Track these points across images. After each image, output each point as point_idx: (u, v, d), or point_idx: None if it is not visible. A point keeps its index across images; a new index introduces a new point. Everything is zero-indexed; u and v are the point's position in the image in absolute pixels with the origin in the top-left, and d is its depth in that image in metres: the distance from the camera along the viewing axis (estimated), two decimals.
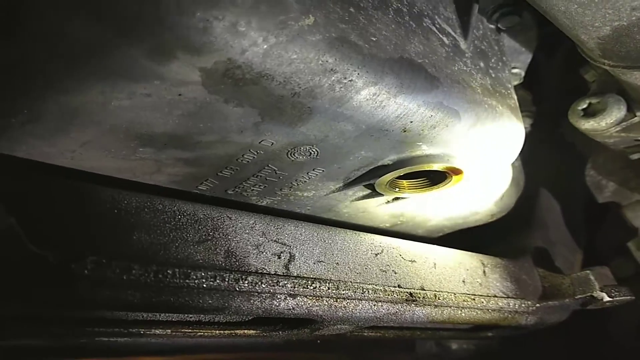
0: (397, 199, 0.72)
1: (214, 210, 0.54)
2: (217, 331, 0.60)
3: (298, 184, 0.65)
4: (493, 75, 0.67)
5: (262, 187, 0.65)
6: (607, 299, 0.76)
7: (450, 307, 0.67)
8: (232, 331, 0.61)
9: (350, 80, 0.49)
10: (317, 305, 0.55)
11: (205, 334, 0.58)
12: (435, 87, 0.56)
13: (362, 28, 0.50)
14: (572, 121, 0.76)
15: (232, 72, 0.45)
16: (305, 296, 0.54)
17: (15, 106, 0.46)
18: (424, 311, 0.65)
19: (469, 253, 0.79)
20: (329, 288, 0.56)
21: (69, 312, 0.46)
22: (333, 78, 0.48)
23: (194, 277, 0.46)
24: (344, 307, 0.58)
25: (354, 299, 0.58)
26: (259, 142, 0.55)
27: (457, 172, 0.63)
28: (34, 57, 0.42)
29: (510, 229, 0.94)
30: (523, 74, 0.85)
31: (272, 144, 0.55)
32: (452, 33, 0.64)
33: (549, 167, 1.01)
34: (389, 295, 0.61)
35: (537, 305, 0.79)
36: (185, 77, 0.44)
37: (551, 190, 1.01)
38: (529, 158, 0.91)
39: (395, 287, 0.63)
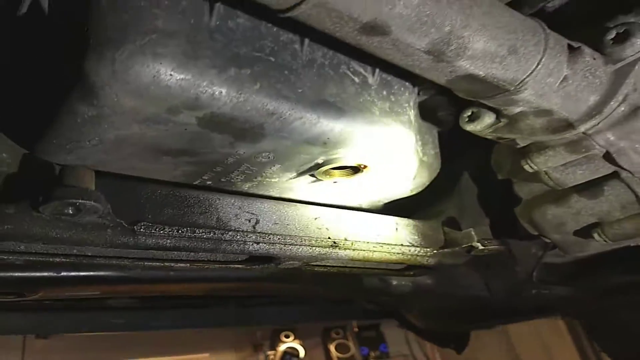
0: (336, 182, 1.09)
1: (210, 194, 0.93)
2: (218, 265, 1.00)
3: (266, 175, 1.02)
4: (392, 99, 1.01)
5: (243, 177, 1.02)
6: (481, 247, 1.13)
7: (364, 250, 1.06)
8: (227, 265, 1.01)
9: (284, 118, 0.85)
10: (272, 248, 0.94)
11: (210, 267, 0.98)
12: (343, 116, 0.90)
13: (292, 84, 0.85)
14: (460, 124, 1.08)
15: (214, 117, 0.81)
16: (265, 243, 0.93)
17: (90, 137, 0.83)
18: (345, 253, 1.03)
19: (387, 216, 1.17)
20: (278, 238, 0.95)
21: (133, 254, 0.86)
22: (274, 117, 0.84)
23: (198, 232, 0.86)
24: (290, 249, 0.96)
25: (296, 245, 0.97)
26: (235, 152, 0.92)
27: (365, 166, 0.99)
28: (104, 117, 0.79)
29: (431, 199, 1.30)
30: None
31: (244, 152, 0.93)
32: (363, 72, 0.98)
33: (470, 155, 1.35)
34: (320, 242, 1.00)
35: (435, 251, 1.16)
36: (188, 121, 0.81)
37: (472, 171, 1.36)
38: (454, 149, 1.24)
39: (326, 238, 1.02)
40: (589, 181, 1.06)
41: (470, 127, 1.04)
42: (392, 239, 1.12)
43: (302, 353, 5.44)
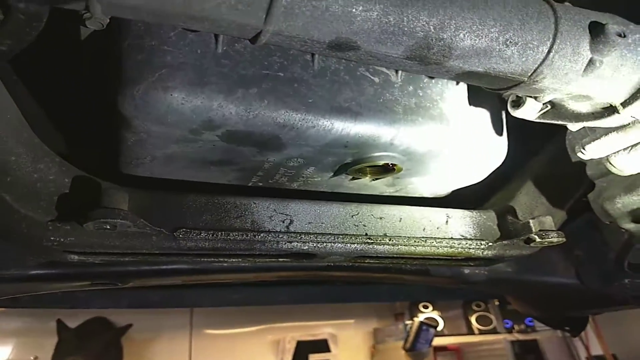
0: (377, 178, 1.10)
1: (246, 199, 1.02)
2: (269, 259, 1.11)
3: (306, 175, 1.08)
4: (420, 94, 0.99)
5: (286, 178, 1.09)
6: (538, 239, 1.05)
7: (405, 245, 1.06)
8: (277, 259, 1.11)
9: (297, 128, 0.90)
10: (305, 246, 1.01)
11: (259, 262, 1.09)
12: (359, 119, 0.92)
13: (302, 96, 0.89)
14: (509, 110, 1.01)
15: (232, 134, 0.90)
16: (297, 242, 1.00)
17: (144, 156, 0.98)
18: (383, 248, 1.05)
19: (437, 209, 1.15)
20: (311, 237, 1.01)
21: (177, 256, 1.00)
22: (286, 128, 0.89)
23: (232, 234, 0.96)
24: (324, 246, 1.02)
25: (329, 242, 1.02)
26: (267, 159, 1.00)
27: (394, 165, 1.00)
28: (145, 140, 0.92)
29: (497, 188, 1.24)
30: None
31: (274, 159, 1.00)
32: (386, 70, 0.98)
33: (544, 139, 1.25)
34: (355, 239, 1.04)
35: (490, 244, 1.11)
36: (211, 139, 0.90)
37: (546, 157, 1.25)
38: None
39: (363, 235, 1.05)
40: None
41: (517, 114, 0.98)
42: (440, 232, 1.11)
43: (441, 324, 5.45)
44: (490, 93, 1.02)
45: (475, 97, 1.09)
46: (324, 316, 5.74)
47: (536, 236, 1.06)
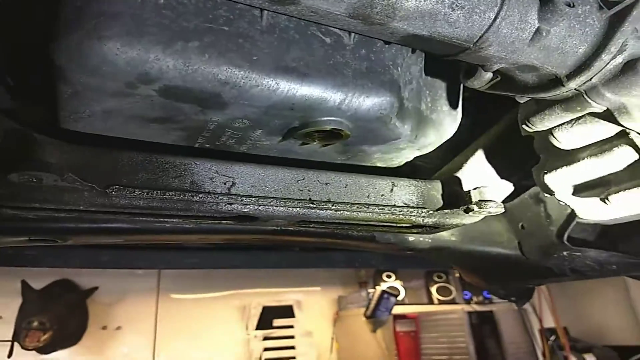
0: (327, 144, 1.08)
1: (187, 158, 0.99)
2: (211, 221, 1.08)
3: (254, 138, 1.05)
4: (372, 58, 0.96)
5: (233, 140, 1.06)
6: (477, 209, 1.06)
7: (348, 211, 1.06)
8: (219, 222, 1.09)
9: (240, 86, 0.87)
10: (246, 209, 0.99)
11: (201, 223, 1.07)
12: (306, 81, 0.89)
13: (246, 52, 0.85)
14: (461, 80, 1.00)
15: (169, 89, 0.85)
16: (238, 204, 0.98)
17: (81, 110, 0.93)
18: (326, 213, 1.04)
19: (384, 177, 1.14)
20: (253, 200, 1.00)
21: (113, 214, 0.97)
22: (228, 86, 0.86)
23: (169, 194, 0.94)
24: (266, 210, 1.01)
25: (271, 206, 1.01)
26: (210, 119, 0.97)
27: (341, 131, 0.98)
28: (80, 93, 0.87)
29: (449, 156, 1.24)
30: None
31: (218, 119, 0.97)
32: (338, 31, 0.95)
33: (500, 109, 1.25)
34: (298, 204, 1.03)
35: (431, 212, 1.12)
36: (148, 93, 0.86)
37: (499, 128, 1.26)
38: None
39: (306, 199, 1.04)
40: (599, 141, 0.93)
41: (469, 84, 0.97)
42: (384, 199, 1.11)
43: (402, 293, 5.59)
44: (449, 62, 1.00)
45: (433, 67, 1.08)
46: (292, 283, 5.82)
47: (475, 206, 1.07)
